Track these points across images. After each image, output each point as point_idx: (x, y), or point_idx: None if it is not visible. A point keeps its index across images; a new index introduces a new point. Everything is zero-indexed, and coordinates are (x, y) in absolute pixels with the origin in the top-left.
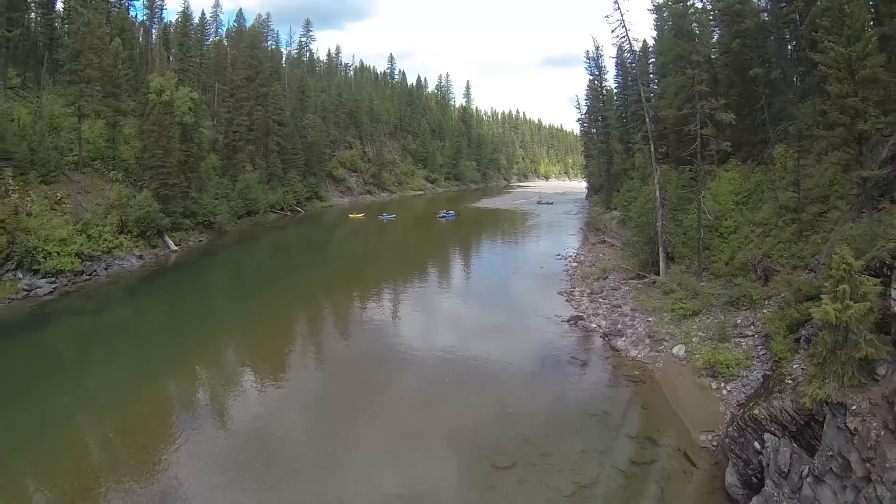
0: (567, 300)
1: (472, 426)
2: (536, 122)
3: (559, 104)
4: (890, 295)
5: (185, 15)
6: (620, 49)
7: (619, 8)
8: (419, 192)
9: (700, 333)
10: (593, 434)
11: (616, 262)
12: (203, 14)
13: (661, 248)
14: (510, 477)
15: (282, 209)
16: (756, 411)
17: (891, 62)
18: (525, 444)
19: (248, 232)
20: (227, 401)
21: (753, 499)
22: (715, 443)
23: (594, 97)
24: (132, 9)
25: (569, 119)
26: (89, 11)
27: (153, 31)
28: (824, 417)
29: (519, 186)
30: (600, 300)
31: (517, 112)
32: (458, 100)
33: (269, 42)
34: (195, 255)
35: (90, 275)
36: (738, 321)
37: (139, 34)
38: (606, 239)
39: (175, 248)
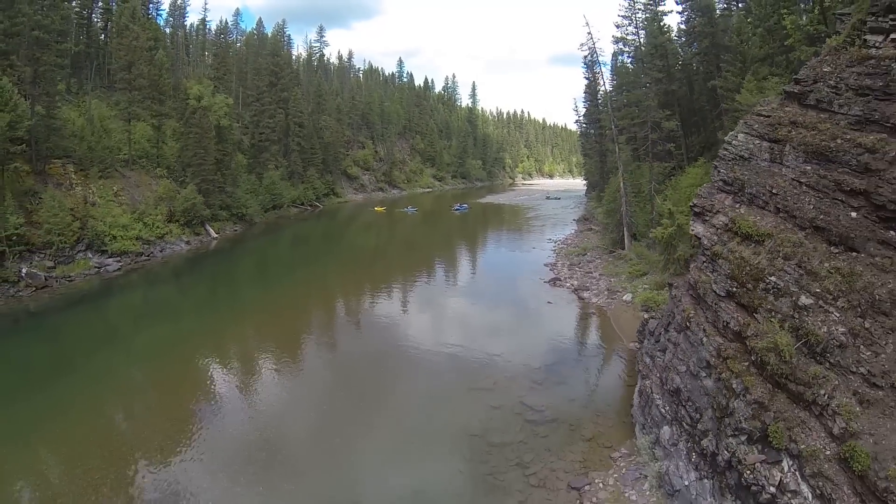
0: (550, 269)
1: (473, 335)
2: (541, 121)
3: (566, 102)
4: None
5: (206, 23)
6: (614, 55)
7: (591, 36)
8: (428, 190)
9: (645, 286)
10: (558, 342)
11: (595, 242)
12: (226, 23)
13: (625, 228)
14: (501, 360)
15: (302, 204)
16: (650, 314)
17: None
18: (510, 345)
19: (274, 224)
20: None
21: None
22: (638, 346)
23: (591, 99)
24: (159, 17)
25: (574, 118)
26: (138, 26)
27: (178, 37)
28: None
29: (523, 184)
30: (577, 269)
31: (522, 112)
32: (465, 100)
33: (283, 46)
34: (231, 243)
35: (148, 256)
36: None
37: (169, 41)
38: (592, 227)
39: (215, 235)
